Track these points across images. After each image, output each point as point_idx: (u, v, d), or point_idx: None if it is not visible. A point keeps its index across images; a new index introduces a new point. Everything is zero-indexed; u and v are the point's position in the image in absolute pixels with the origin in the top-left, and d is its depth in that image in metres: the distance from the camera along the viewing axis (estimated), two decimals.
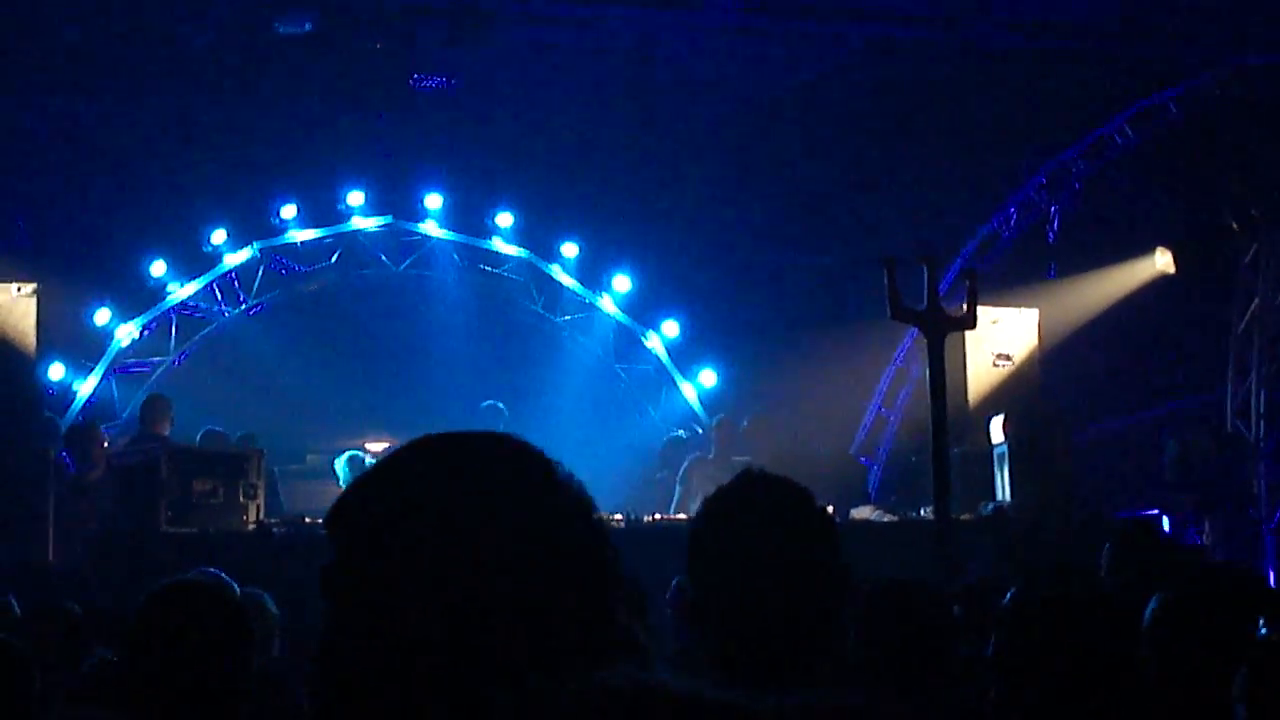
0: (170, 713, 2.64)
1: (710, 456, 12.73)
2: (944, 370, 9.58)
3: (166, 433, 12.08)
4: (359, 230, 15.43)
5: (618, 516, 11.25)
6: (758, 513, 2.78)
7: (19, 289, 11.49)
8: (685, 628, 6.32)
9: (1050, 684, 3.14)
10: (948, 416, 9.48)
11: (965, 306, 10.14)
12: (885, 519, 12.16)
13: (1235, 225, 15.17)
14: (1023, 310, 13.70)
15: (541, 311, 15.86)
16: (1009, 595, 3.42)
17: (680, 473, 12.73)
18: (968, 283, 10.50)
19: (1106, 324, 15.65)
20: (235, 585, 6.23)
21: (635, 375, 15.68)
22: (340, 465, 13.22)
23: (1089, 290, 15.81)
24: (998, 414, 12.19)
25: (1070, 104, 15.78)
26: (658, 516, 11.67)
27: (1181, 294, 15.64)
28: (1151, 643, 3.53)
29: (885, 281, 9.49)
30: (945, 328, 9.84)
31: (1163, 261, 15.39)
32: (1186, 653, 3.44)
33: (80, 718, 2.57)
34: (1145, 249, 15.60)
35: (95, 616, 6.81)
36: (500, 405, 14.23)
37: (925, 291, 9.63)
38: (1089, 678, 3.11)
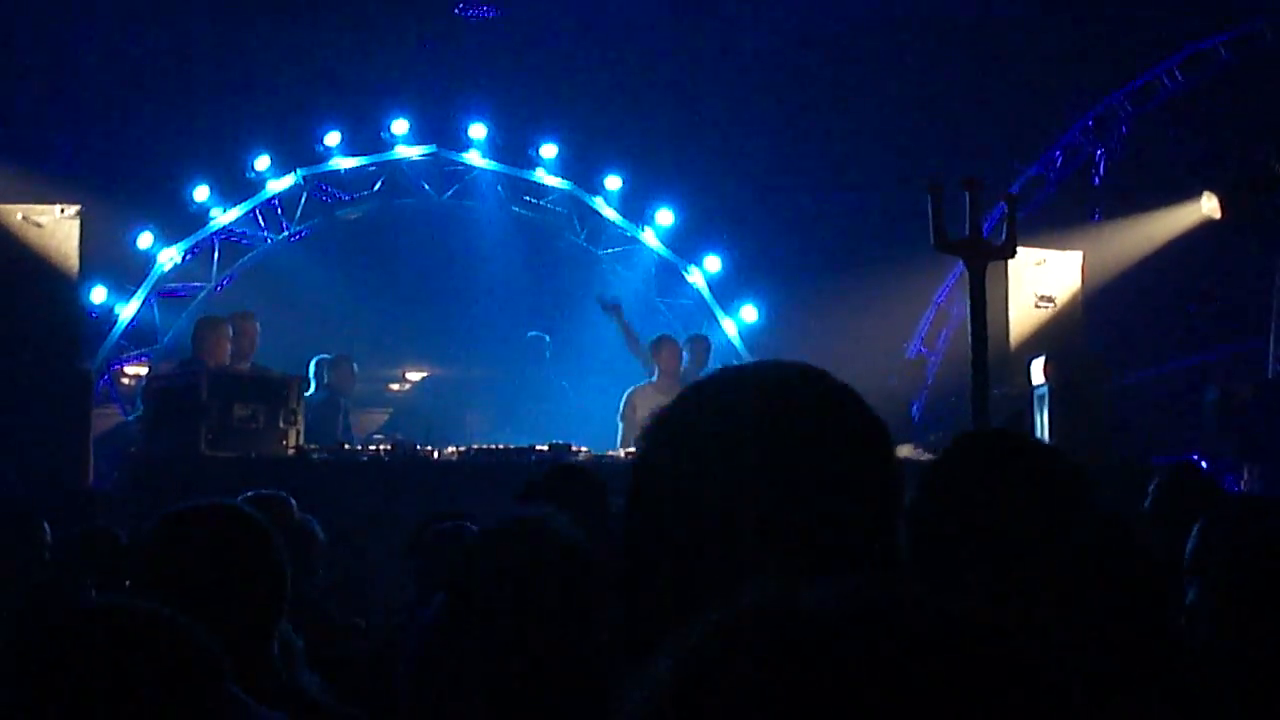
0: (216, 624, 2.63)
1: (654, 381, 12.17)
2: (984, 300, 9.47)
3: (223, 361, 11.91)
4: (402, 159, 15.41)
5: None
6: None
7: (63, 210, 11.50)
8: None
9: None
10: (988, 352, 9.40)
11: (1005, 236, 10.04)
12: (924, 458, 12.13)
13: None
14: (1067, 253, 13.61)
15: (584, 244, 15.84)
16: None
17: (620, 406, 12.13)
18: (1006, 209, 10.38)
19: (1150, 268, 15.55)
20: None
21: (677, 310, 15.64)
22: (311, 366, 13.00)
23: (1134, 234, 15.70)
24: (1039, 356, 12.14)
25: (1119, 47, 15.63)
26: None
27: (1227, 240, 15.51)
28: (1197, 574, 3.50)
29: (930, 208, 9.35)
30: (987, 257, 9.73)
31: (1209, 206, 15.25)
32: (1237, 585, 3.40)
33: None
34: (1192, 194, 15.47)
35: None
36: (545, 336, 14.24)
37: (968, 219, 9.51)
38: None
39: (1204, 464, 13.15)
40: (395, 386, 16.49)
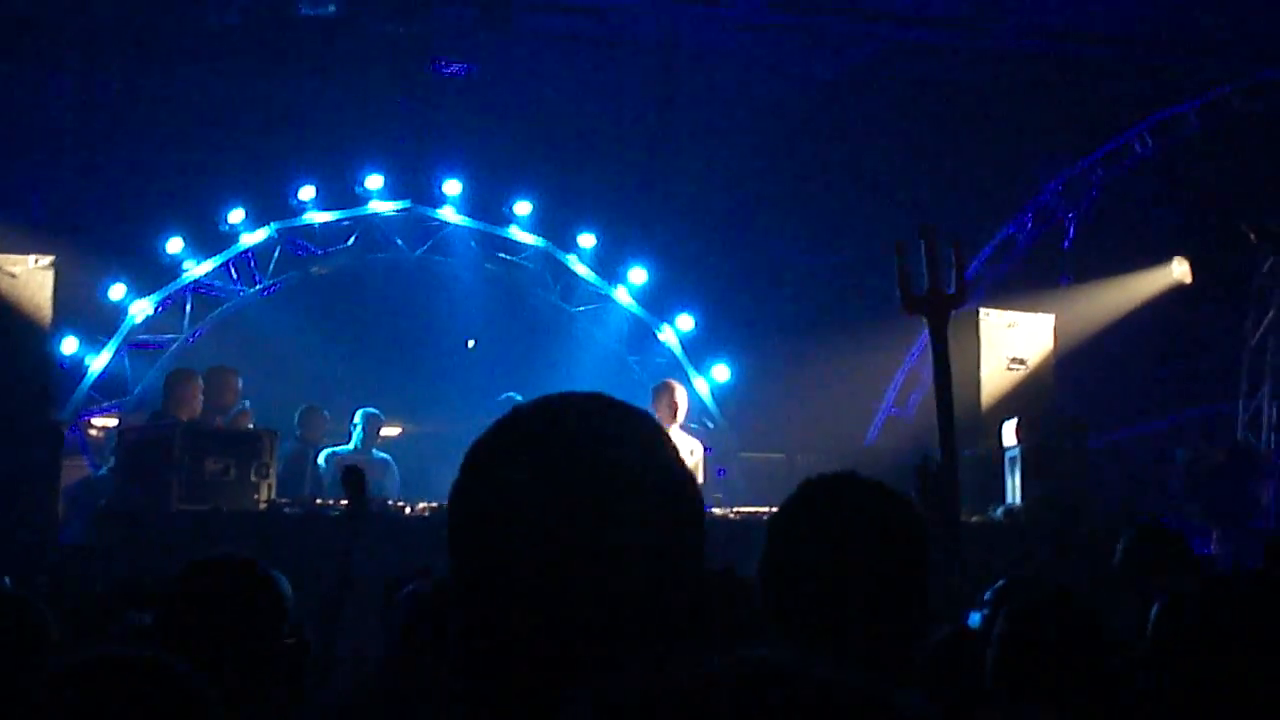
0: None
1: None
2: (947, 353, 9.44)
3: (195, 414, 11.94)
4: (377, 214, 15.41)
5: None
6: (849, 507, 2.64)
7: (36, 260, 11.49)
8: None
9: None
10: (954, 413, 9.38)
11: (954, 285, 10.02)
12: None
13: (1252, 237, 15.16)
14: (1039, 315, 13.69)
15: (557, 301, 15.85)
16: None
17: None
18: (953, 256, 10.34)
19: (1121, 332, 15.65)
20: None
21: (649, 368, 15.66)
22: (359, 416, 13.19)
23: (1105, 297, 15.81)
24: (1010, 418, 12.18)
25: (1090, 112, 15.78)
26: None
27: (1197, 304, 15.64)
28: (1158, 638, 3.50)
29: (896, 267, 9.34)
30: (944, 309, 9.70)
31: (1179, 271, 15.40)
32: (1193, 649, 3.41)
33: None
34: (1162, 258, 15.60)
35: (122, 585, 6.78)
36: (517, 397, 14.22)
37: (924, 269, 9.49)
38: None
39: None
40: None
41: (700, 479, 11.87)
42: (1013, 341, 13.32)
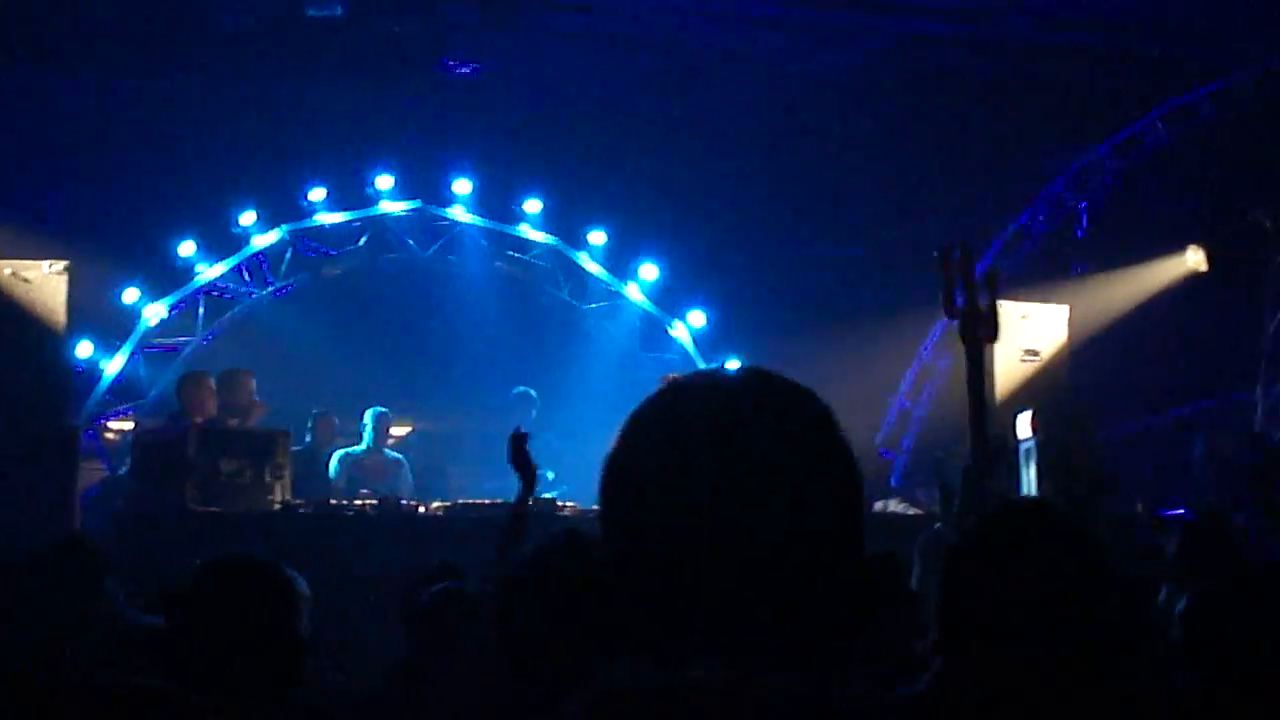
0: (218, 683, 2.67)
1: None
2: (983, 385, 9.40)
3: (209, 415, 12.03)
4: (387, 214, 15.42)
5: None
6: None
7: (50, 265, 11.52)
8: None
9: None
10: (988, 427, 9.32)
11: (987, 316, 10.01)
12: (910, 512, 12.13)
13: (1268, 224, 15.10)
14: (1053, 306, 13.64)
15: (568, 299, 15.85)
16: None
17: None
18: (988, 286, 10.34)
19: (1137, 322, 15.59)
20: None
21: (661, 364, 15.63)
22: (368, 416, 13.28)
23: (1120, 287, 15.75)
24: (1025, 410, 12.15)
25: (1103, 100, 15.72)
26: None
27: (1213, 292, 15.57)
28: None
29: (938, 277, 9.30)
30: (977, 340, 9.68)
31: (1194, 259, 15.34)
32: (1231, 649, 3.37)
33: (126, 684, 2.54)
34: (1177, 247, 15.54)
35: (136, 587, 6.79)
36: (531, 392, 14.23)
37: (963, 291, 9.46)
38: None
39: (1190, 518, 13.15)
40: None
41: None
42: (1027, 333, 13.29)
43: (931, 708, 2.56)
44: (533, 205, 15.51)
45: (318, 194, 15.17)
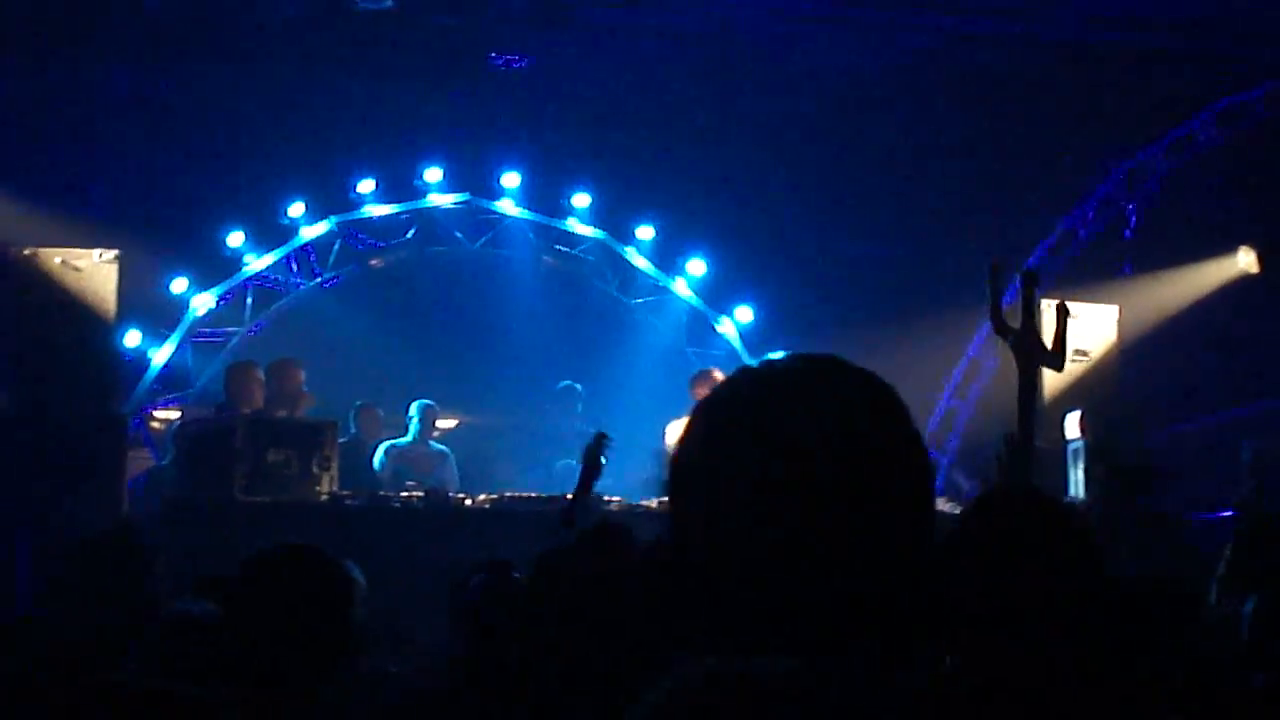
0: (267, 676, 2.66)
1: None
2: (1034, 403, 9.36)
3: (256, 405, 12.09)
4: (435, 207, 15.45)
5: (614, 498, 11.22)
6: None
7: (101, 255, 11.59)
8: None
9: None
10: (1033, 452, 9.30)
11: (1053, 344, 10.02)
12: (957, 511, 12.06)
13: None
14: (1102, 306, 13.56)
15: (615, 293, 15.85)
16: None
17: (661, 444, 11.98)
18: (1056, 316, 10.29)
19: (1187, 323, 15.48)
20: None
21: (708, 360, 15.58)
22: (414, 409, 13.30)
23: (1170, 288, 15.64)
24: (1073, 410, 12.08)
25: (1153, 100, 15.60)
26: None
27: (1264, 294, 15.44)
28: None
29: (988, 287, 9.27)
30: (1036, 360, 9.67)
31: (1246, 260, 15.21)
32: None
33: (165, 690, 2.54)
34: (1228, 248, 15.41)
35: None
36: (577, 386, 14.24)
37: (1020, 311, 9.45)
38: None
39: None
40: None
41: None
42: (1076, 333, 13.21)
43: (928, 700, 2.54)
44: (581, 199, 15.51)
45: (366, 186, 15.21)
